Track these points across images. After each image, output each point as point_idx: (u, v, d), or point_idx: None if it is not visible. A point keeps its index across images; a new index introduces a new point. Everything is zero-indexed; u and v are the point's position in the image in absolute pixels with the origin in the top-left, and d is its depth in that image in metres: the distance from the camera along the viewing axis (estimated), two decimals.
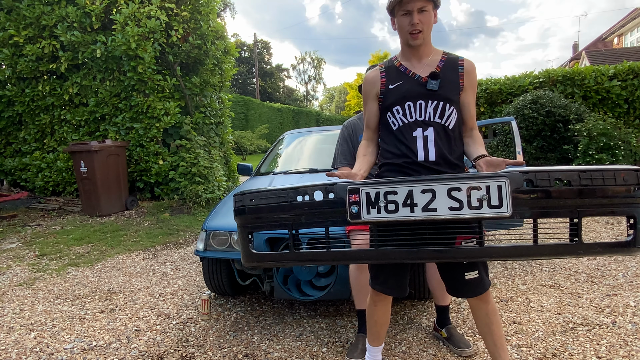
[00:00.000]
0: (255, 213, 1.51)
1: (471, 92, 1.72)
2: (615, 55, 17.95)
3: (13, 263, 4.09)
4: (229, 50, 7.47)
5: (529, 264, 3.61)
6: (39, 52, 6.54)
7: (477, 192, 1.29)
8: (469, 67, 1.70)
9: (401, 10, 1.61)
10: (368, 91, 1.76)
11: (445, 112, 1.65)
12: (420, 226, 1.37)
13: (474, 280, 1.63)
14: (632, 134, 6.49)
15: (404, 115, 1.67)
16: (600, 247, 1.31)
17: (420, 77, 1.67)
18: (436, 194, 1.31)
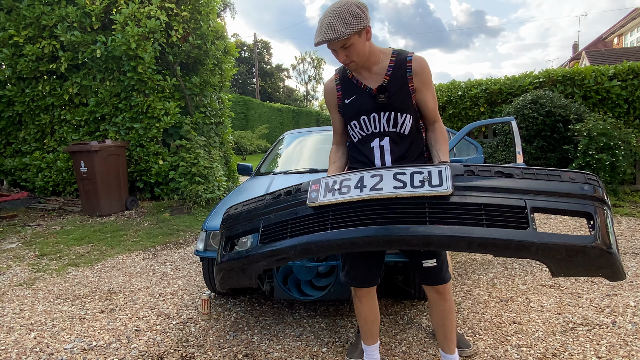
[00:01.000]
0: (234, 219, 1.71)
1: (425, 89, 1.72)
2: (615, 55, 17.95)
3: (13, 263, 4.09)
4: (229, 50, 7.47)
5: (529, 264, 3.61)
6: (39, 52, 6.54)
7: (420, 175, 1.39)
8: (418, 67, 1.69)
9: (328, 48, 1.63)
10: (328, 101, 1.83)
11: (398, 120, 1.71)
12: (371, 208, 1.41)
13: (432, 269, 1.70)
14: (632, 134, 6.48)
15: (361, 129, 1.75)
16: (556, 238, 1.26)
17: (371, 89, 1.71)
18: (383, 178, 1.42)
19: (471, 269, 3.52)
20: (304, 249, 1.44)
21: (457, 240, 1.28)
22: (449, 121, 8.10)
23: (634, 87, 6.82)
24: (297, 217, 1.51)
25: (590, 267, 1.29)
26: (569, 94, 7.18)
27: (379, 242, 1.35)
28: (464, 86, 8.07)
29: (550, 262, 1.29)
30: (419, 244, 1.33)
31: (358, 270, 1.78)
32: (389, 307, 2.80)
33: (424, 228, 1.31)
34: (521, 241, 1.24)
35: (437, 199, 1.33)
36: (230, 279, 1.66)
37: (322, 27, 1.56)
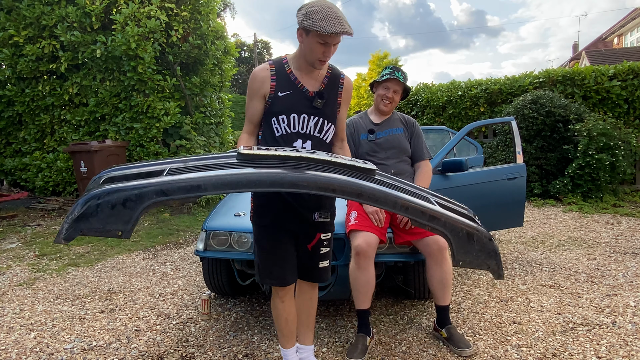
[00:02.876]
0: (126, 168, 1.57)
1: (345, 107, 1.88)
2: (615, 55, 17.95)
3: (13, 263, 4.10)
4: (229, 50, 7.47)
5: (529, 264, 3.61)
6: (39, 52, 6.54)
7: (349, 159, 1.55)
8: (348, 85, 1.87)
9: (320, 39, 1.62)
10: (256, 89, 1.77)
11: (324, 127, 1.79)
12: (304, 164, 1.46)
13: (325, 269, 1.86)
14: (632, 134, 6.48)
15: (287, 125, 1.76)
16: (459, 217, 1.52)
17: (307, 91, 1.76)
18: (317, 152, 1.54)
19: (471, 269, 3.52)
20: (228, 181, 1.32)
21: (386, 196, 1.41)
22: (449, 121, 8.10)
23: (634, 87, 6.82)
24: (220, 162, 1.47)
25: (483, 253, 1.52)
26: (569, 94, 7.18)
27: (318, 184, 1.37)
28: (464, 86, 8.07)
29: (454, 238, 1.48)
30: (353, 194, 1.40)
31: (280, 269, 1.79)
32: (389, 307, 2.80)
33: (360, 181, 1.42)
34: (435, 210, 1.47)
35: (365, 171, 1.52)
36: (96, 216, 1.24)
37: (338, 19, 1.57)
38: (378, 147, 2.49)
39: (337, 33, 1.57)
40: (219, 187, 1.31)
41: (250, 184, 1.33)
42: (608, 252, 3.88)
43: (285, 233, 1.79)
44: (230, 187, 1.33)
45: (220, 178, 1.31)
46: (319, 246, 1.82)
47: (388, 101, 2.46)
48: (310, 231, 1.80)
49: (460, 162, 3.14)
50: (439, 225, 1.45)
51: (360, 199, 1.40)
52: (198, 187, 1.29)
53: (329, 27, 1.55)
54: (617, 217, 5.37)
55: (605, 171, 6.12)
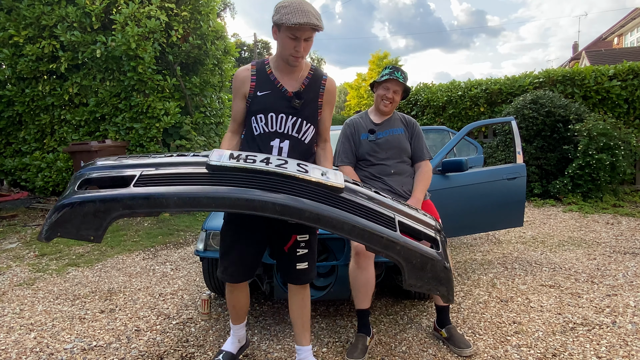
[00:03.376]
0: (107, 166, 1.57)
1: (328, 108, 1.89)
2: (615, 55, 17.95)
3: (13, 263, 4.09)
4: (229, 50, 7.47)
5: (529, 264, 3.61)
6: (39, 52, 6.54)
7: (320, 170, 1.56)
8: (330, 86, 1.86)
9: (289, 33, 1.64)
10: (237, 89, 1.83)
11: (302, 128, 1.81)
12: (272, 180, 1.47)
13: (304, 270, 1.86)
14: (632, 134, 6.48)
15: (265, 125, 1.78)
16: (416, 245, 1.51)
17: (286, 91, 1.78)
18: (288, 163, 1.54)
19: (471, 269, 3.52)
20: (191, 198, 1.35)
21: (343, 223, 1.42)
22: (449, 121, 8.10)
23: (634, 87, 6.82)
24: (189, 173, 1.46)
25: (435, 280, 1.53)
26: (569, 94, 7.18)
27: (277, 208, 1.40)
28: (464, 86, 8.07)
29: (407, 265, 1.48)
30: (311, 219, 1.41)
31: (233, 267, 1.86)
32: (389, 307, 2.80)
33: (319, 205, 1.43)
34: (391, 238, 1.45)
35: (331, 189, 1.51)
36: (71, 222, 1.34)
37: (304, 12, 1.59)
38: (378, 147, 2.49)
39: (301, 24, 1.58)
40: (180, 205, 1.35)
41: (210, 204, 1.38)
42: (608, 252, 3.88)
43: (252, 233, 1.82)
44: (192, 206, 1.38)
45: (181, 197, 1.35)
46: (295, 247, 1.83)
47: (388, 101, 2.46)
48: (285, 232, 1.81)
49: (460, 162, 3.14)
50: (394, 253, 1.46)
51: (317, 224, 1.42)
52: (160, 204, 1.34)
53: (294, 19, 1.58)
54: (617, 217, 5.37)
55: (605, 171, 6.12)
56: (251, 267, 1.90)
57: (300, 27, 1.60)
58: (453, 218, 3.23)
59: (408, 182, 2.47)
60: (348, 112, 36.53)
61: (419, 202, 2.35)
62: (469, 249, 4.15)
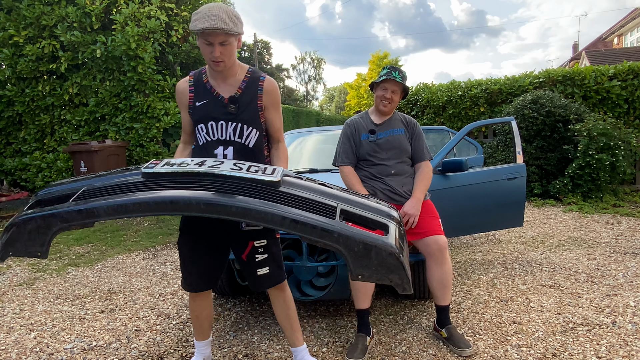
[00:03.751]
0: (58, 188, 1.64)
1: (273, 109, 1.86)
2: (615, 55, 17.95)
3: (13, 263, 4.09)
4: None
5: (529, 264, 3.61)
6: (39, 52, 6.54)
7: (256, 167, 1.55)
8: (269, 87, 1.82)
9: (202, 39, 1.63)
10: (180, 101, 1.84)
11: (244, 132, 1.79)
12: (204, 181, 1.47)
13: (266, 276, 1.84)
14: (632, 134, 6.48)
15: (207, 134, 1.78)
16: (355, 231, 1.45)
17: (222, 98, 1.77)
18: (224, 163, 1.54)
19: (471, 269, 3.52)
20: (118, 206, 1.40)
21: (271, 215, 1.40)
22: (449, 121, 8.10)
23: (634, 87, 6.82)
24: (125, 183, 1.51)
25: (383, 267, 1.46)
26: (569, 94, 7.18)
27: (201, 205, 1.39)
28: (464, 86, 8.07)
29: (349, 254, 1.43)
30: (237, 214, 1.39)
31: (192, 277, 1.86)
32: (389, 307, 2.80)
33: (245, 199, 1.41)
34: (326, 226, 1.42)
35: (267, 184, 1.50)
36: (18, 241, 1.46)
37: (209, 16, 1.58)
38: (379, 148, 2.49)
39: (204, 29, 1.57)
40: (110, 214, 1.41)
41: (137, 210, 1.40)
42: (608, 252, 3.88)
43: (209, 244, 1.81)
44: (121, 213, 1.41)
45: (110, 206, 1.40)
46: (253, 254, 1.82)
47: (387, 102, 2.47)
48: (241, 240, 1.81)
49: (460, 162, 3.14)
50: (332, 241, 1.42)
51: (245, 218, 1.40)
52: (92, 215, 1.40)
53: (200, 24, 1.58)
54: (617, 217, 5.38)
55: (605, 171, 6.12)
56: (211, 277, 1.89)
57: (209, 32, 1.59)
58: (453, 218, 3.23)
59: (408, 182, 2.47)
60: (348, 112, 36.53)
61: (419, 202, 2.35)
62: (469, 249, 4.15)
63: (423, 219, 2.33)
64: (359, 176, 2.51)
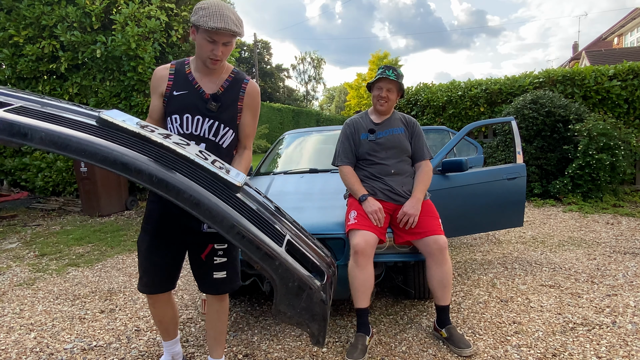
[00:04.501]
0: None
1: (250, 113, 1.81)
2: (615, 55, 17.95)
3: (13, 263, 4.10)
4: None
5: (529, 264, 3.61)
6: (39, 52, 6.54)
7: (221, 164, 1.49)
8: (251, 90, 1.79)
9: (207, 36, 1.60)
10: (155, 87, 1.78)
11: (219, 131, 1.75)
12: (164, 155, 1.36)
13: (222, 280, 1.79)
14: (632, 134, 6.48)
15: (180, 126, 1.72)
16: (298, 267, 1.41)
17: (204, 93, 1.72)
18: (190, 145, 1.47)
19: (471, 269, 3.52)
20: (60, 139, 1.20)
21: (222, 218, 1.30)
22: (449, 121, 8.10)
23: (634, 87, 6.82)
24: (75, 120, 1.31)
25: (307, 313, 1.41)
26: (569, 94, 7.18)
27: (153, 179, 1.26)
28: (464, 86, 8.07)
29: (281, 286, 1.36)
30: (188, 202, 1.28)
31: (149, 277, 1.82)
32: (389, 307, 2.80)
33: (202, 190, 1.31)
34: (272, 250, 1.34)
35: (226, 184, 1.43)
36: None
37: (222, 16, 1.55)
38: (378, 147, 2.49)
39: (219, 29, 1.55)
40: (46, 143, 1.19)
41: (80, 152, 1.21)
42: (608, 252, 3.88)
43: (168, 242, 1.77)
44: (58, 147, 1.20)
45: (50, 134, 1.19)
46: (212, 256, 1.77)
47: (384, 100, 2.48)
48: (201, 242, 1.76)
49: (460, 162, 3.14)
50: (271, 267, 1.33)
51: (194, 210, 1.28)
52: (24, 135, 1.19)
53: (211, 23, 1.54)
54: (617, 217, 5.37)
55: (605, 171, 6.12)
56: (169, 277, 1.83)
57: (218, 31, 1.56)
58: (453, 218, 3.23)
59: (408, 182, 2.47)
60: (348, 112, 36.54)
61: (419, 202, 2.35)
62: (469, 249, 4.15)
63: (423, 218, 2.33)
64: (359, 176, 2.51)
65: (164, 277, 1.83)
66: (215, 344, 1.93)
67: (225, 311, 1.90)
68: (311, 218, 2.54)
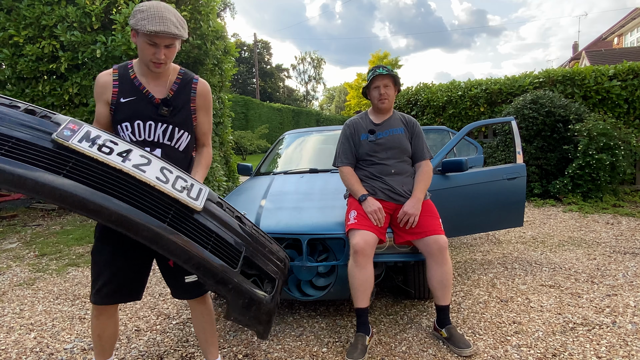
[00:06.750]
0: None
1: (204, 112, 1.79)
2: (615, 55, 17.95)
3: (13, 263, 4.10)
4: (229, 50, 7.47)
5: (529, 264, 3.61)
6: (39, 52, 6.54)
7: (184, 182, 1.46)
8: (202, 90, 1.76)
9: (147, 39, 1.54)
10: (99, 94, 1.68)
11: (174, 135, 1.70)
12: (121, 181, 1.33)
13: (193, 284, 1.74)
14: (632, 134, 6.48)
15: (132, 133, 1.65)
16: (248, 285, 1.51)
17: (153, 98, 1.66)
18: (151, 163, 1.41)
19: (471, 269, 3.52)
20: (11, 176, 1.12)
21: (182, 251, 1.35)
22: (449, 121, 8.10)
23: (634, 87, 6.82)
24: (27, 141, 1.22)
25: (255, 319, 1.55)
26: (569, 94, 7.18)
27: (112, 217, 1.24)
28: (464, 86, 8.07)
29: (233, 303, 1.48)
30: (147, 239, 1.30)
31: (111, 287, 1.69)
32: (389, 307, 2.80)
33: (161, 226, 1.32)
34: (225, 276, 1.42)
35: (186, 209, 1.43)
36: None
37: (162, 19, 1.50)
38: (378, 147, 2.49)
39: (157, 32, 1.49)
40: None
41: (22, 185, 1.14)
42: (608, 252, 3.88)
43: (133, 250, 1.66)
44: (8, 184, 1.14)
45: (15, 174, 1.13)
46: None
47: (384, 97, 2.47)
48: None
49: (460, 162, 3.14)
50: (225, 290, 1.43)
51: (153, 245, 1.31)
52: None
53: (150, 26, 1.48)
54: (617, 217, 5.37)
55: (605, 171, 6.12)
56: (136, 287, 1.74)
57: (157, 34, 1.51)
58: (453, 218, 3.23)
59: (408, 181, 2.47)
60: (348, 112, 36.55)
61: (419, 201, 2.35)
62: (469, 249, 4.15)
63: (423, 218, 2.33)
64: (359, 176, 2.51)
65: (131, 286, 1.73)
66: (207, 345, 1.90)
67: (209, 312, 1.87)
68: (311, 218, 2.54)
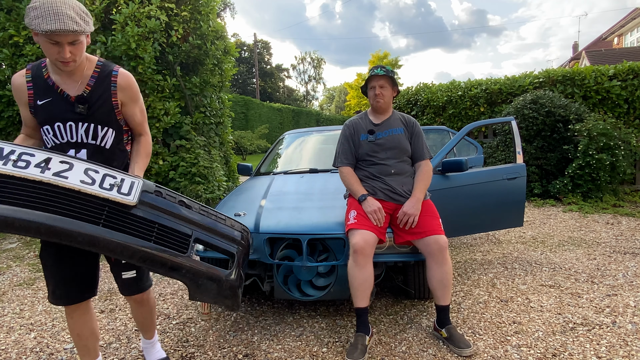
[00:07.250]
0: None
1: (132, 103, 1.70)
2: (615, 55, 17.96)
3: (13, 263, 4.10)
4: (229, 50, 7.48)
5: (529, 264, 3.61)
6: (39, 52, 6.53)
7: (112, 179, 1.40)
8: (123, 82, 1.66)
9: (46, 39, 1.43)
10: (17, 98, 1.62)
11: (98, 133, 1.62)
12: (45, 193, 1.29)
13: (130, 280, 1.75)
14: (632, 134, 6.48)
15: (54, 136, 1.58)
16: (203, 266, 1.51)
17: (69, 96, 1.57)
18: (73, 168, 1.35)
19: (471, 269, 3.52)
20: None
21: (123, 248, 1.33)
22: (449, 121, 8.10)
23: (634, 87, 6.82)
24: None
25: (220, 295, 1.56)
26: (569, 94, 7.18)
27: (41, 230, 1.22)
28: (464, 86, 8.07)
29: (192, 285, 1.49)
30: (84, 243, 1.28)
31: (61, 289, 1.67)
32: (389, 307, 2.80)
33: (94, 229, 1.30)
34: (176, 262, 1.43)
35: (120, 206, 1.39)
36: None
37: (57, 15, 1.37)
38: (378, 148, 2.50)
39: (52, 32, 1.37)
40: None
41: None
42: (608, 252, 3.88)
43: (69, 252, 1.63)
44: None
45: None
46: None
47: (380, 97, 2.51)
48: None
49: (460, 162, 3.14)
50: (179, 276, 1.46)
51: (93, 248, 1.29)
52: None
53: (44, 25, 1.36)
54: (617, 217, 5.37)
55: (605, 171, 6.12)
56: (86, 285, 1.71)
57: (54, 33, 1.39)
58: (453, 218, 3.23)
59: (408, 181, 2.48)
60: (348, 112, 36.55)
61: (419, 201, 2.35)
62: (469, 249, 4.15)
63: (423, 218, 2.33)
64: (359, 176, 2.51)
65: (80, 285, 1.70)
66: (144, 329, 2.00)
67: (147, 306, 1.90)
68: (311, 218, 2.54)
